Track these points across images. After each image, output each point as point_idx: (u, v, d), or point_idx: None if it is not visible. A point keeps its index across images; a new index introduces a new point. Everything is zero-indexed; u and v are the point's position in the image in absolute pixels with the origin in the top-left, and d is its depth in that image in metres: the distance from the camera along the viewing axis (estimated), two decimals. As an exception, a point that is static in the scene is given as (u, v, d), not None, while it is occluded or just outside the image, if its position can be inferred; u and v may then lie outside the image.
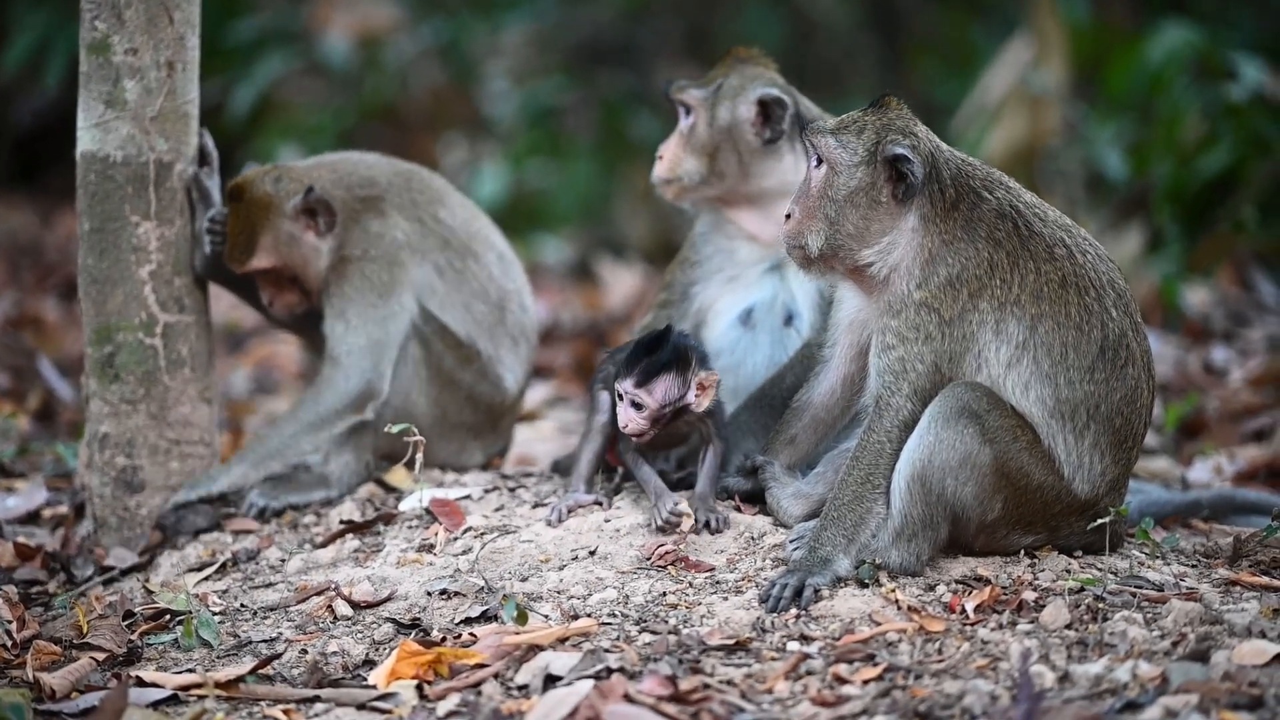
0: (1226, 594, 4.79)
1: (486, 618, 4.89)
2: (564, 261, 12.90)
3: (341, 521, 5.54)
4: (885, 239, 4.87)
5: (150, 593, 5.33)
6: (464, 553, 5.20)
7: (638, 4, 14.05)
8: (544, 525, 5.22)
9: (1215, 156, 9.89)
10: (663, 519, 5.06)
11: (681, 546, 5.03)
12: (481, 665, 4.61)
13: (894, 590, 4.76)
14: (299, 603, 5.15)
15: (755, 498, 5.23)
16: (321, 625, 5.02)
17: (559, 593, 4.94)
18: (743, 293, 5.63)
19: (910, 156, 4.83)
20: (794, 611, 4.71)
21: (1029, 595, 4.71)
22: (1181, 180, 9.96)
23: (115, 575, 5.59)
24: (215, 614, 5.13)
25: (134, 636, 5.06)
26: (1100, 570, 4.90)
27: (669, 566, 4.98)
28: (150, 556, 5.64)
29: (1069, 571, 4.87)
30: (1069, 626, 4.59)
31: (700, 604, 4.80)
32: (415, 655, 4.64)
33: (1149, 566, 4.97)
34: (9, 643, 5.03)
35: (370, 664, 4.79)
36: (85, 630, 5.09)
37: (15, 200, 13.56)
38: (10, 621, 5.12)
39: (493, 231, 6.06)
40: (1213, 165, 9.88)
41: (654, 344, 5.13)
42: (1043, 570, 4.87)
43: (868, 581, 4.80)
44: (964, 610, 4.69)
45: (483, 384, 5.93)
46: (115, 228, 5.65)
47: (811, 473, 5.16)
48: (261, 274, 5.74)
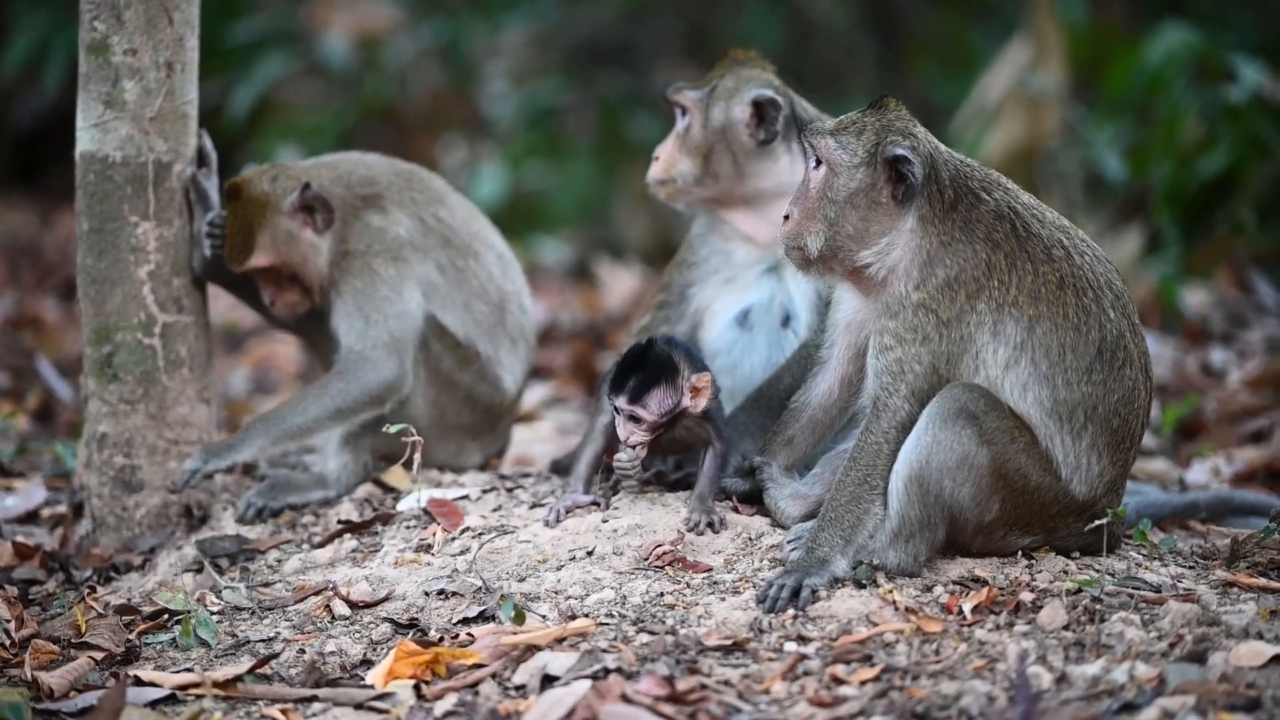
0: (1224, 595, 4.80)
1: (484, 618, 4.89)
2: (563, 262, 12.90)
3: (340, 521, 5.54)
4: (884, 240, 4.87)
5: (148, 592, 5.34)
6: (462, 553, 5.20)
7: (637, 5, 14.05)
8: (542, 525, 5.22)
9: (1214, 158, 9.88)
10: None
11: (679, 547, 5.03)
12: (479, 665, 4.61)
13: (891, 591, 4.76)
14: (297, 602, 5.15)
15: (753, 498, 5.23)
16: (319, 625, 5.03)
17: (556, 593, 4.95)
18: (740, 294, 5.64)
19: (910, 157, 4.83)
20: (791, 612, 4.71)
21: (1026, 596, 4.72)
22: (1180, 182, 9.96)
23: (113, 574, 5.60)
24: (213, 613, 5.13)
25: (132, 636, 5.07)
26: (1098, 571, 4.91)
27: (666, 567, 4.98)
28: (148, 556, 5.65)
29: (1066, 573, 4.87)
30: (1066, 627, 4.59)
31: (698, 604, 4.81)
32: (413, 655, 4.64)
33: (1146, 568, 4.98)
34: (7, 642, 5.03)
35: (368, 664, 4.79)
36: (83, 629, 5.09)
37: (15, 200, 13.56)
38: (9, 620, 5.12)
39: (492, 232, 6.06)
40: (1211, 167, 9.88)
41: (639, 359, 5.13)
42: (1040, 571, 4.88)
43: (865, 582, 4.80)
44: (961, 611, 4.70)
45: (481, 385, 5.93)
46: (114, 228, 5.65)
47: (809, 474, 5.16)
48: (261, 273, 5.74)
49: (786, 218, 4.94)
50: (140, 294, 5.67)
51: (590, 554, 5.08)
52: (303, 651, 4.87)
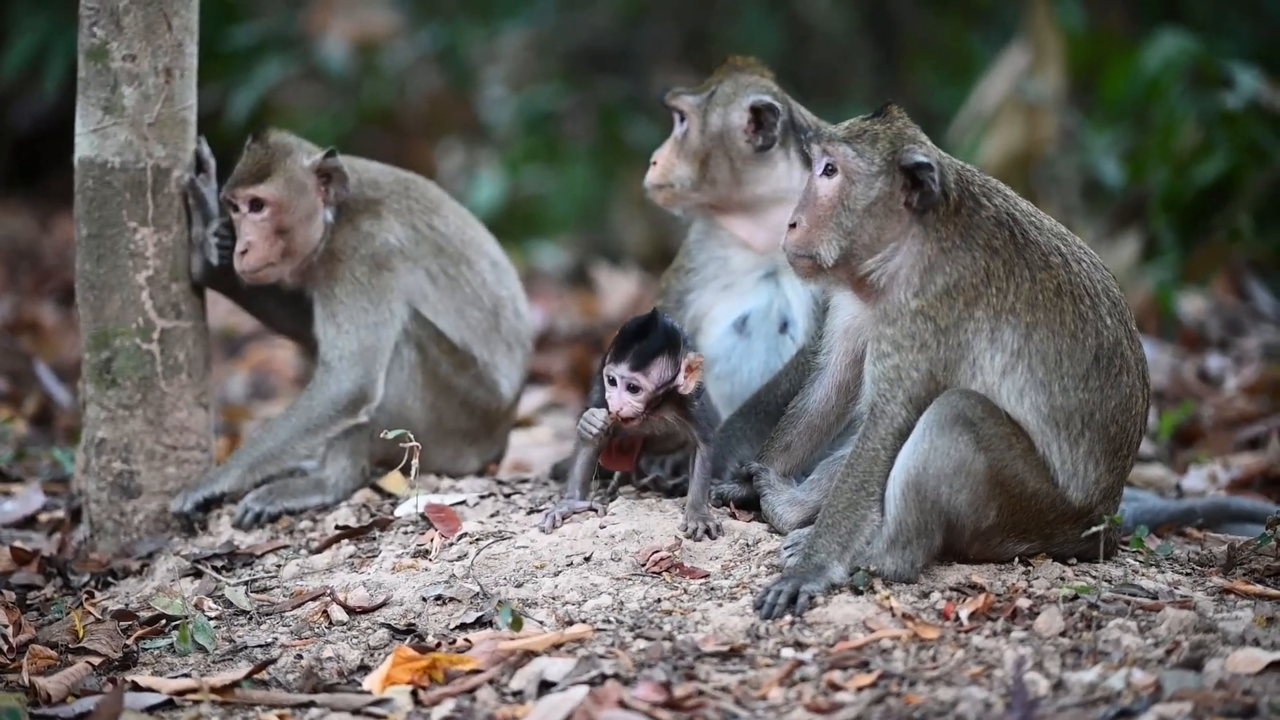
0: (1221, 602, 4.80)
1: (481, 623, 4.89)
2: (560, 267, 12.90)
3: (337, 527, 5.54)
4: (890, 247, 4.88)
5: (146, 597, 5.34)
6: (459, 558, 5.20)
7: (635, 10, 14.06)
8: (539, 531, 5.22)
9: (1211, 165, 9.89)
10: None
11: (676, 553, 5.04)
12: (476, 671, 4.61)
13: (888, 597, 4.77)
14: (294, 608, 5.15)
15: (750, 504, 5.23)
16: (317, 630, 5.03)
17: (554, 599, 4.95)
18: (738, 300, 5.64)
19: (932, 165, 4.83)
20: (788, 618, 4.71)
21: (1023, 603, 4.72)
22: (1177, 188, 9.97)
23: (111, 579, 5.60)
24: (211, 619, 5.14)
25: (130, 641, 5.07)
26: (1094, 578, 4.91)
27: (664, 573, 4.98)
28: (146, 561, 5.65)
29: (1063, 579, 4.88)
30: (1063, 634, 4.59)
31: (695, 610, 4.81)
32: (410, 661, 4.64)
33: (1143, 574, 4.98)
34: (5, 647, 5.03)
35: (365, 669, 4.79)
36: (81, 635, 5.09)
37: (14, 205, 13.56)
38: (6, 625, 5.12)
39: (487, 239, 6.07)
40: (1208, 173, 9.89)
41: (644, 327, 5.14)
42: (1037, 578, 4.88)
43: (862, 588, 4.80)
44: (958, 617, 4.70)
45: (478, 390, 5.94)
46: (113, 233, 5.65)
47: (806, 480, 5.16)
48: (255, 207, 5.63)
49: (793, 225, 4.91)
50: (139, 299, 5.68)
51: (588, 560, 5.08)
52: (300, 657, 4.87)
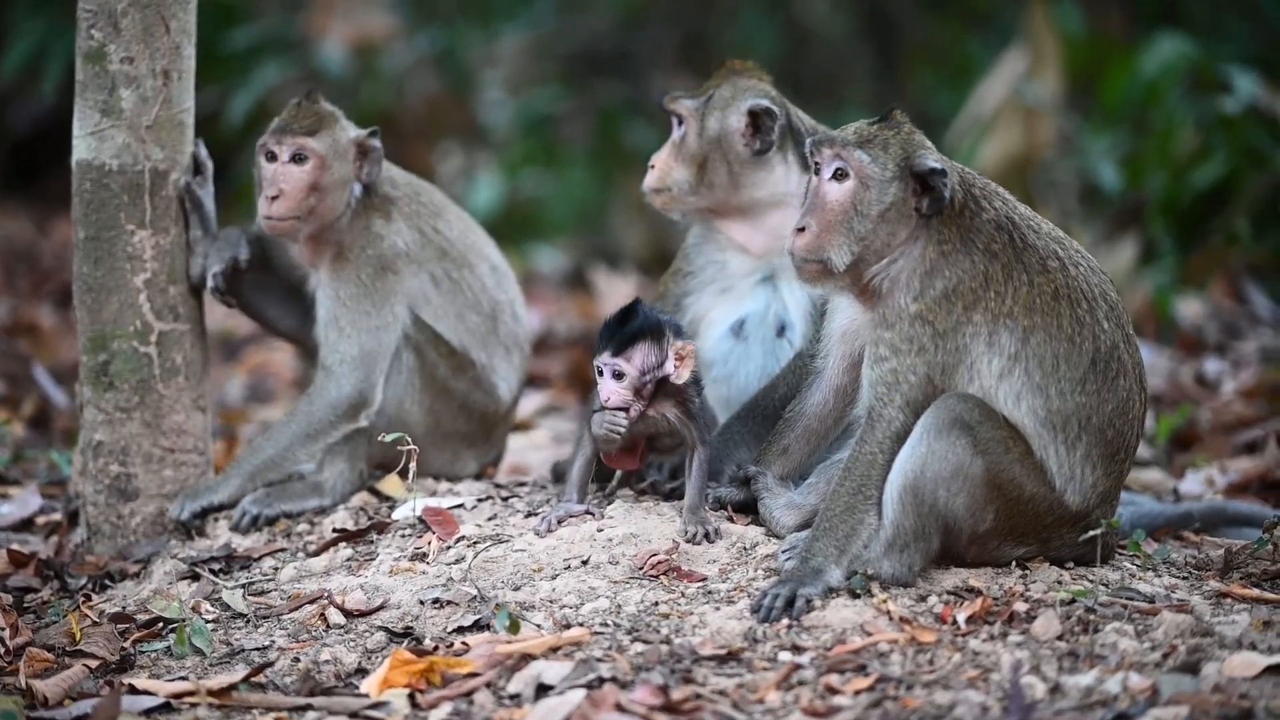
0: (1218, 606, 4.80)
1: (479, 627, 4.89)
2: (559, 270, 12.91)
3: (335, 530, 5.54)
4: (896, 250, 4.88)
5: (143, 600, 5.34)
6: (457, 562, 5.20)
7: (634, 13, 14.07)
8: (535, 535, 5.22)
9: (1209, 169, 9.91)
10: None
11: (674, 556, 5.04)
12: (474, 674, 4.61)
13: (886, 601, 4.77)
14: (292, 611, 5.15)
15: (748, 508, 5.23)
16: (314, 633, 5.03)
17: (551, 602, 4.95)
18: (735, 304, 5.64)
19: (945, 171, 4.83)
20: (786, 622, 4.72)
21: (1020, 606, 4.72)
22: (1175, 192, 9.98)
23: (108, 582, 5.59)
24: (208, 622, 5.13)
25: (127, 644, 5.07)
26: (1092, 582, 4.91)
27: (661, 576, 4.98)
28: (143, 564, 5.65)
29: (1060, 583, 4.88)
30: (1060, 638, 4.59)
31: (692, 614, 4.81)
32: (408, 664, 4.64)
33: (1140, 578, 4.98)
34: (2, 650, 5.03)
35: (363, 672, 4.79)
36: (78, 637, 5.09)
37: (11, 207, 13.55)
38: (3, 629, 5.12)
39: (487, 244, 6.08)
40: (1206, 177, 9.90)
41: (625, 315, 5.14)
42: (1034, 581, 4.88)
43: (860, 592, 4.80)
44: (955, 621, 4.70)
45: (476, 393, 5.94)
46: (110, 236, 5.65)
47: (804, 483, 5.16)
48: (299, 159, 5.63)
49: (801, 230, 4.90)
50: (136, 302, 5.68)
51: (585, 563, 5.08)
52: (297, 660, 4.87)
